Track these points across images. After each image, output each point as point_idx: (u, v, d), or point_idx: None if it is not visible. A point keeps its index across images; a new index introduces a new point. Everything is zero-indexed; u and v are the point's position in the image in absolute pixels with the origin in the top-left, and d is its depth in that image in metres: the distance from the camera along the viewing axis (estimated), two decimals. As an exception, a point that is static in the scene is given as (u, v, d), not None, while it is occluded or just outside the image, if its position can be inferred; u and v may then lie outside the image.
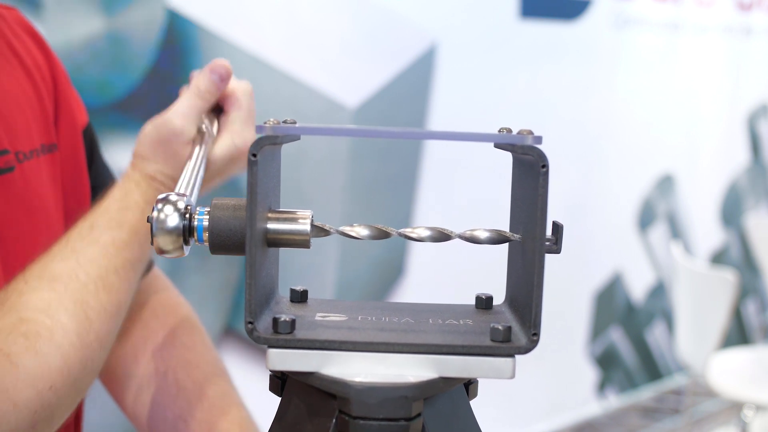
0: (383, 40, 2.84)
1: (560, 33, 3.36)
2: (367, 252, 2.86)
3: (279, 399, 0.62)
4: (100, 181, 1.00)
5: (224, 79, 0.86)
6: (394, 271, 3.00)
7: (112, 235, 0.79)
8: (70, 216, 0.93)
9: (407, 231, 0.57)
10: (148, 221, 0.59)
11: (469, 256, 2.72)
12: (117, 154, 1.98)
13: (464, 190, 3.12)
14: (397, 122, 2.89)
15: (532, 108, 3.27)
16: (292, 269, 2.61)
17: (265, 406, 1.08)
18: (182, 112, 0.83)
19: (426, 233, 0.57)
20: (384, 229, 0.57)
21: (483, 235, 0.58)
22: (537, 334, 0.56)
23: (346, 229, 0.58)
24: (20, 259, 0.84)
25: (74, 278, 0.77)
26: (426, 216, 2.99)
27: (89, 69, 2.13)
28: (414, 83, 2.94)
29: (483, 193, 3.13)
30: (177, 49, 2.32)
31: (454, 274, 3.06)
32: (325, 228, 0.59)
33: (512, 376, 0.57)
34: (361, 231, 0.58)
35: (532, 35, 3.24)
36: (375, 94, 2.79)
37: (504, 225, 0.65)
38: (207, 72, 0.86)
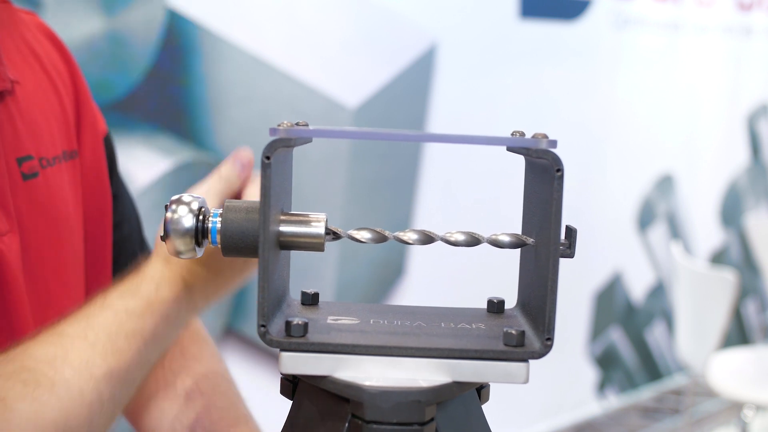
0: (383, 40, 2.84)
1: (560, 33, 3.36)
2: (367, 253, 2.86)
3: (281, 400, 0.62)
4: (118, 189, 1.00)
5: (246, 166, 0.84)
6: (393, 271, 3.00)
7: (125, 303, 0.77)
8: (90, 222, 0.93)
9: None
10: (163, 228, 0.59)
11: (467, 257, 2.72)
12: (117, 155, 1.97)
13: (464, 191, 3.11)
14: (397, 122, 2.89)
15: (532, 108, 3.27)
16: (291, 270, 2.61)
17: (266, 406, 1.08)
18: (202, 191, 0.81)
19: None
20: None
21: (506, 239, 0.59)
22: (551, 339, 0.56)
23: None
24: (44, 265, 0.84)
25: (82, 337, 0.75)
26: (426, 217, 2.98)
27: (89, 69, 2.12)
28: (414, 83, 2.93)
29: (483, 194, 3.13)
30: (177, 49, 2.32)
31: (454, 275, 3.06)
32: (342, 231, 0.59)
33: (526, 381, 0.57)
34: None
35: (532, 35, 3.24)
36: (375, 94, 2.79)
37: (503, 224, 0.65)
38: (231, 159, 0.83)
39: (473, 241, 0.58)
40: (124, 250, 0.99)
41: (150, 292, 0.78)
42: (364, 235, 0.58)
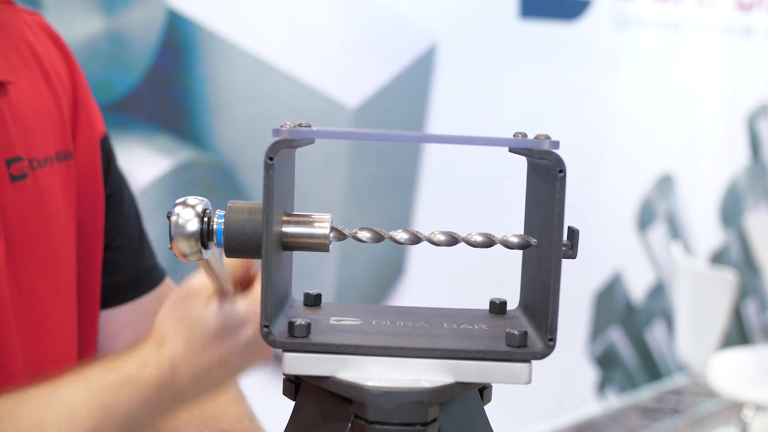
0: (383, 40, 2.84)
1: (560, 33, 3.36)
2: (367, 252, 2.86)
3: (281, 402, 0.62)
4: (115, 190, 1.00)
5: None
6: (393, 271, 3.00)
7: (102, 375, 0.76)
8: (83, 224, 0.93)
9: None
10: (168, 217, 0.59)
11: (466, 257, 2.71)
12: (117, 155, 1.97)
13: (463, 191, 3.11)
14: (397, 122, 2.89)
15: (532, 108, 3.27)
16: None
17: (266, 407, 1.07)
18: (201, 275, 0.77)
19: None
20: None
21: (514, 240, 0.60)
22: (553, 340, 0.56)
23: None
24: (32, 265, 0.85)
25: (42, 401, 0.74)
26: (425, 217, 2.98)
27: (89, 69, 2.12)
28: (414, 83, 2.93)
29: (482, 195, 3.13)
30: (177, 49, 2.32)
31: (453, 275, 3.06)
32: (350, 231, 0.59)
33: (529, 382, 0.57)
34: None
35: (532, 35, 3.24)
36: (375, 94, 2.79)
37: (501, 224, 0.65)
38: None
39: (489, 242, 0.59)
40: (122, 249, 0.99)
41: (131, 370, 0.76)
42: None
